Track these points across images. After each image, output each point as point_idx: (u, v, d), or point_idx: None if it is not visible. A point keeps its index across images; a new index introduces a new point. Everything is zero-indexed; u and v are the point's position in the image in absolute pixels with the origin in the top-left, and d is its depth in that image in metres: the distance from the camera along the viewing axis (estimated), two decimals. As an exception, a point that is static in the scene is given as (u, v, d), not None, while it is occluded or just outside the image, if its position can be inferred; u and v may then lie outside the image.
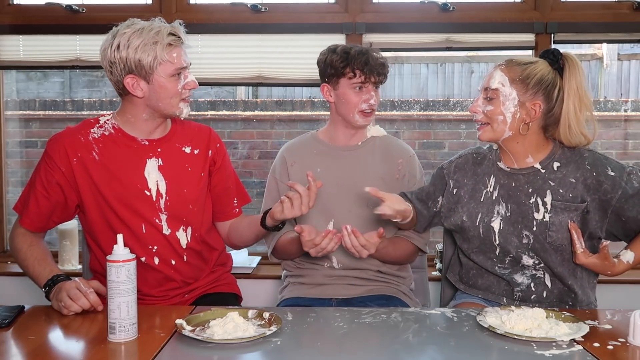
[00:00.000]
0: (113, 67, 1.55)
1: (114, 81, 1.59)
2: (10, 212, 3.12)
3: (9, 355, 1.24)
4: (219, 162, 1.76)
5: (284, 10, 2.62)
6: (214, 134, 1.78)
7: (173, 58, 1.56)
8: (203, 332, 1.31)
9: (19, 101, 3.79)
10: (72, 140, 1.61)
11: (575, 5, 2.58)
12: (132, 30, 1.54)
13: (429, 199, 1.79)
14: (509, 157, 1.66)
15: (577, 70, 1.57)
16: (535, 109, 1.58)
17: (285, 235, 1.86)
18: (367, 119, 1.87)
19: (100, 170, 1.60)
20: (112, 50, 1.54)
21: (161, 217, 1.65)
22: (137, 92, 1.57)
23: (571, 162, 1.61)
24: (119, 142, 1.63)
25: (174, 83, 1.58)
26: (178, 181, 1.67)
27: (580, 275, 1.65)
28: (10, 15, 2.67)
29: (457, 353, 1.25)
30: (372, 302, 1.80)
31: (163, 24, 1.58)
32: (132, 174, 1.62)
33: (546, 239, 1.59)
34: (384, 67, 1.83)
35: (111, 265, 1.28)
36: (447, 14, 2.56)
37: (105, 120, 1.65)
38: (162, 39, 1.54)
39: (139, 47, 1.52)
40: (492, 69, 1.62)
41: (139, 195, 1.62)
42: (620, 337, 1.31)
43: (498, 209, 1.65)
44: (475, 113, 1.63)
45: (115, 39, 1.55)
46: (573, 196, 1.58)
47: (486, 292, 1.72)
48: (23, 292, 2.57)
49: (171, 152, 1.67)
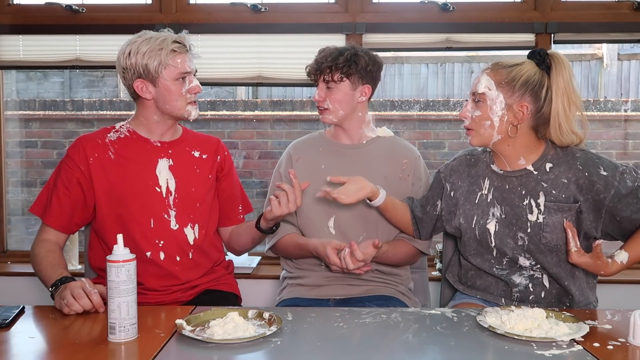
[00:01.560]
0: (125, 72, 1.70)
1: (127, 86, 1.72)
2: (10, 212, 3.12)
3: (9, 355, 1.24)
4: (226, 169, 1.88)
5: (284, 10, 2.62)
6: (222, 144, 1.91)
7: (177, 63, 1.68)
8: (203, 332, 1.31)
9: (19, 101, 3.79)
10: (90, 142, 1.74)
11: (575, 5, 2.57)
12: (142, 39, 1.69)
13: (427, 203, 1.81)
14: (501, 159, 1.67)
15: (564, 69, 1.56)
16: (523, 110, 1.57)
17: (291, 238, 1.88)
18: (323, 116, 1.89)
19: (115, 168, 1.72)
20: (125, 57, 1.69)
21: (170, 212, 1.74)
22: (146, 94, 1.70)
23: (563, 163, 1.61)
24: (133, 143, 1.75)
25: (179, 86, 1.70)
26: (187, 180, 1.77)
27: (579, 276, 1.65)
28: (10, 15, 2.67)
29: (457, 353, 1.25)
30: (370, 302, 1.80)
31: (170, 34, 1.72)
32: (145, 172, 1.73)
33: (541, 240, 1.60)
34: (334, 64, 1.82)
35: (111, 265, 1.28)
36: (447, 14, 2.56)
37: (120, 126, 1.78)
38: (167, 45, 1.67)
39: (146, 53, 1.66)
40: (479, 73, 1.63)
41: (150, 191, 1.73)
42: (620, 337, 1.31)
43: (493, 211, 1.66)
44: (465, 118, 1.64)
45: (127, 47, 1.69)
46: (566, 197, 1.58)
47: (485, 293, 1.72)
48: (23, 292, 2.57)
49: (181, 154, 1.79)
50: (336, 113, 1.87)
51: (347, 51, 1.84)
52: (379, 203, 1.75)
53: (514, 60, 1.62)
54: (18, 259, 2.79)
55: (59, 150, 3.54)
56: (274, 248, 1.95)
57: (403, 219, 1.83)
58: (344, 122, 1.90)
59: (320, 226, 1.89)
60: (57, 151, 3.54)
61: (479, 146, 1.68)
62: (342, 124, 1.91)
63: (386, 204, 1.77)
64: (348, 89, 1.85)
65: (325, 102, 1.86)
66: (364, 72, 1.85)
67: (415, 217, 1.82)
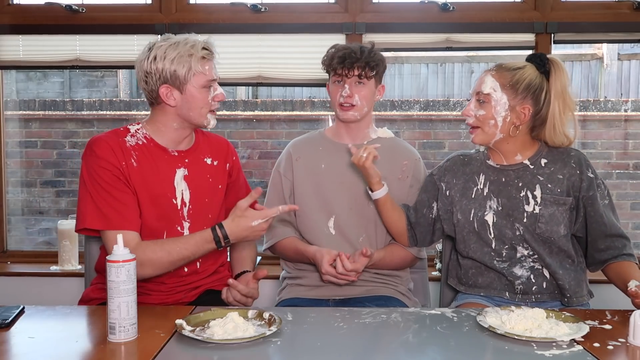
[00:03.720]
0: (149, 77, 1.62)
1: (148, 90, 1.65)
2: (10, 212, 3.12)
3: (9, 355, 1.24)
4: (234, 175, 1.85)
5: (284, 10, 2.62)
6: (231, 147, 1.87)
7: (206, 70, 1.64)
8: (203, 332, 1.31)
9: (19, 101, 3.79)
10: (116, 144, 1.63)
11: (575, 5, 2.57)
12: (168, 43, 1.62)
13: (423, 206, 1.82)
14: (498, 155, 1.73)
15: (562, 73, 1.66)
16: (525, 112, 1.65)
17: (290, 242, 1.89)
18: (346, 113, 1.87)
19: (137, 176, 1.63)
20: (149, 61, 1.62)
21: (184, 224, 1.70)
22: (170, 101, 1.64)
23: (558, 160, 1.69)
24: (152, 152, 1.67)
25: (205, 94, 1.66)
26: (200, 191, 1.73)
27: (571, 268, 1.70)
28: (10, 15, 2.66)
29: (457, 353, 1.25)
30: (370, 303, 1.80)
31: (197, 39, 1.66)
32: (164, 183, 1.67)
33: (535, 230, 1.66)
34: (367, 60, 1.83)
35: (111, 265, 1.28)
36: (447, 14, 2.56)
37: (136, 130, 1.69)
38: (197, 52, 1.62)
39: (175, 59, 1.60)
40: (483, 74, 1.69)
41: (167, 202, 1.67)
42: (620, 337, 1.31)
43: (490, 204, 1.71)
44: (468, 117, 1.69)
45: (151, 51, 1.62)
46: (561, 191, 1.66)
47: (487, 289, 1.74)
48: (23, 292, 2.57)
49: (196, 163, 1.74)
50: (361, 110, 1.87)
51: (372, 48, 1.87)
52: (380, 195, 1.77)
53: (516, 63, 1.68)
54: (18, 259, 2.79)
55: (58, 150, 3.54)
56: (273, 249, 1.95)
57: (398, 224, 1.84)
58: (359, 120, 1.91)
59: (320, 226, 1.89)
60: (57, 151, 3.54)
61: (482, 144, 1.72)
62: (353, 122, 1.91)
63: (386, 199, 1.79)
64: (373, 87, 1.88)
65: (354, 98, 1.85)
66: (384, 71, 1.90)
67: (410, 222, 1.83)
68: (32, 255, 2.83)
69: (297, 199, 1.92)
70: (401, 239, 1.86)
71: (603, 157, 3.43)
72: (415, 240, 1.85)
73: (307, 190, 1.91)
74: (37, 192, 3.58)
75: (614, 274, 1.62)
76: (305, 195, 1.91)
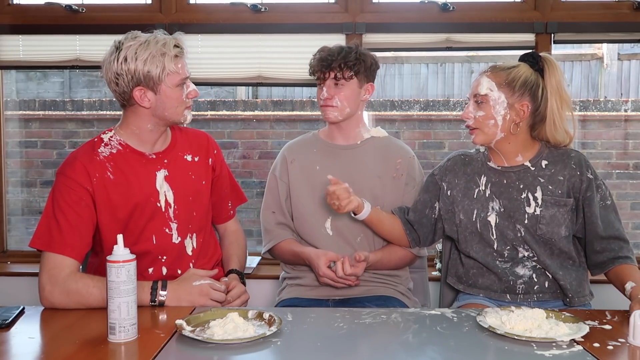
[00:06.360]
0: (120, 78, 1.57)
1: (120, 92, 1.59)
2: (10, 212, 3.12)
3: (9, 355, 1.24)
4: (218, 170, 1.82)
5: (284, 10, 2.62)
6: (211, 140, 1.83)
7: (179, 69, 1.59)
8: (203, 333, 1.31)
9: (19, 101, 3.78)
10: (89, 160, 1.60)
11: (575, 5, 2.57)
12: (137, 42, 1.56)
13: (425, 206, 1.82)
14: (499, 156, 1.73)
15: (556, 70, 1.68)
16: (524, 109, 1.66)
17: (288, 244, 1.90)
18: (327, 114, 1.88)
19: (116, 188, 1.60)
20: (119, 62, 1.56)
21: (171, 226, 1.68)
22: (145, 102, 1.59)
23: (559, 162, 1.70)
24: (129, 159, 1.63)
25: (179, 93, 1.62)
26: (184, 190, 1.70)
27: (572, 268, 1.70)
28: (10, 15, 2.67)
29: (457, 353, 1.25)
30: (370, 303, 1.81)
31: (166, 36, 1.61)
32: (145, 189, 1.64)
33: (536, 231, 1.67)
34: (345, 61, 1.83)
35: (111, 265, 1.28)
36: (447, 14, 2.56)
37: (109, 138, 1.65)
38: (169, 50, 1.57)
39: (148, 59, 1.55)
40: (478, 77, 1.70)
41: (152, 207, 1.65)
42: (620, 337, 1.31)
43: (492, 205, 1.71)
44: (468, 119, 1.70)
45: (121, 51, 1.56)
46: (562, 192, 1.67)
47: (487, 291, 1.73)
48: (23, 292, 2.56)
49: (175, 162, 1.70)
50: (343, 111, 1.87)
51: (353, 49, 1.86)
52: (363, 217, 1.77)
53: (510, 63, 1.71)
54: (18, 259, 2.79)
55: (58, 150, 3.54)
56: (272, 252, 1.95)
57: (393, 232, 1.83)
58: (344, 120, 1.90)
59: (317, 228, 1.89)
60: (57, 151, 3.54)
61: (483, 144, 1.73)
62: (341, 122, 1.91)
63: (371, 217, 1.78)
64: (356, 87, 1.87)
65: (334, 100, 1.86)
66: (369, 70, 1.88)
67: (409, 223, 1.82)
68: (32, 255, 2.83)
69: (294, 202, 1.92)
70: (402, 243, 1.85)
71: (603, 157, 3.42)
72: (417, 241, 1.84)
73: (303, 192, 1.91)
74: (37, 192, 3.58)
75: (614, 277, 1.62)
76: (302, 197, 1.91)
